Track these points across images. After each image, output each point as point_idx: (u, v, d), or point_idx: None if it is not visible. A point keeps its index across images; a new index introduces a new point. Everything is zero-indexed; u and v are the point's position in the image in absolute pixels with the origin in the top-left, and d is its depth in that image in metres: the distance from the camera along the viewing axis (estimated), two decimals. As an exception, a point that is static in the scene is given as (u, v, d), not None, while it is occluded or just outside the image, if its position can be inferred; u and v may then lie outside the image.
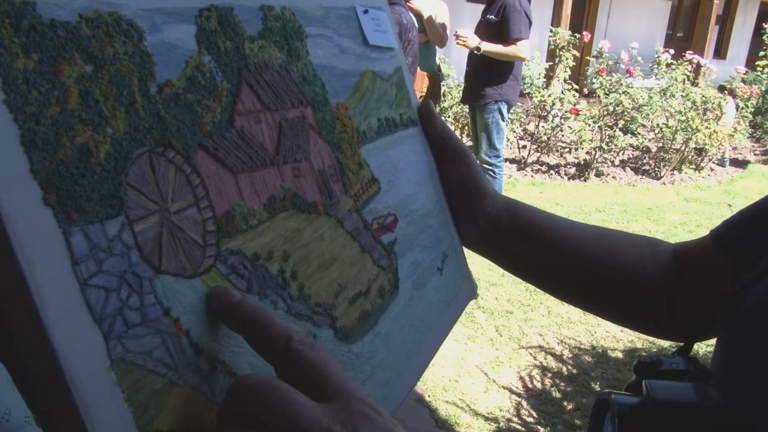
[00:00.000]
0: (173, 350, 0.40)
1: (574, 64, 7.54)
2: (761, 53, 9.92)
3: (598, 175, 6.90)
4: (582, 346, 3.36)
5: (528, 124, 7.12)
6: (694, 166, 7.53)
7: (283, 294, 0.50)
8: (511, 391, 2.95)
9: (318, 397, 0.40)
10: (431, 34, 4.69)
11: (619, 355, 3.31)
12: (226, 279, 0.45)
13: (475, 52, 4.51)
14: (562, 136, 7.18)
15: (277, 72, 0.56)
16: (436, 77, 5.00)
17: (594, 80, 7.20)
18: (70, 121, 0.37)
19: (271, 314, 0.42)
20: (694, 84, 7.88)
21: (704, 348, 2.54)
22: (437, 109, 1.24)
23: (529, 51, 4.47)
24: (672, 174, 7.25)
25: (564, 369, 3.15)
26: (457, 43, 4.51)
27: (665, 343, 3.09)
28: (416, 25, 4.01)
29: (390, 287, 0.64)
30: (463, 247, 0.79)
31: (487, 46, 4.44)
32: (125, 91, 0.41)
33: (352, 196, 0.61)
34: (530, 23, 4.44)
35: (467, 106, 5.17)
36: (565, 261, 0.75)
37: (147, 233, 0.40)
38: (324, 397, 0.40)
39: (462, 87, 5.14)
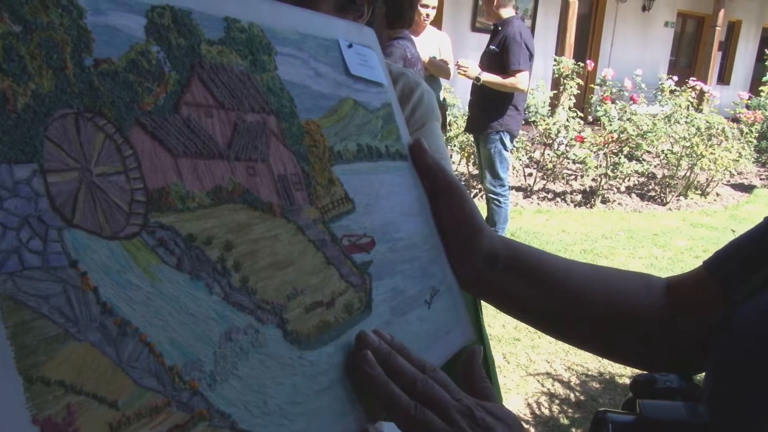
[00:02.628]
0: (75, 303, 0.39)
1: (579, 92, 7.62)
2: (764, 78, 9.98)
3: (604, 201, 6.93)
4: (589, 373, 3.37)
5: (533, 152, 7.17)
6: (699, 192, 7.55)
7: (221, 280, 0.48)
8: (520, 419, 2.96)
9: None
10: (435, 72, 4.76)
11: (627, 381, 3.32)
12: (151, 250, 0.44)
13: (475, 81, 4.57)
14: (568, 163, 7.22)
15: (237, 76, 0.55)
16: (442, 107, 5.06)
17: (598, 108, 7.27)
18: None
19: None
20: (698, 110, 7.93)
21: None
22: (443, 137, 1.28)
23: (527, 82, 4.50)
24: (678, 200, 7.28)
25: (572, 395, 3.16)
26: (459, 72, 4.58)
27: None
28: (421, 59, 4.08)
29: (360, 305, 0.60)
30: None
31: (487, 77, 4.50)
32: (55, 56, 0.42)
33: (319, 209, 0.59)
34: (531, 55, 4.48)
35: (472, 136, 5.23)
36: (562, 300, 0.74)
37: (62, 186, 0.40)
38: None
39: (467, 116, 5.21)
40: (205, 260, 0.47)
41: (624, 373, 3.38)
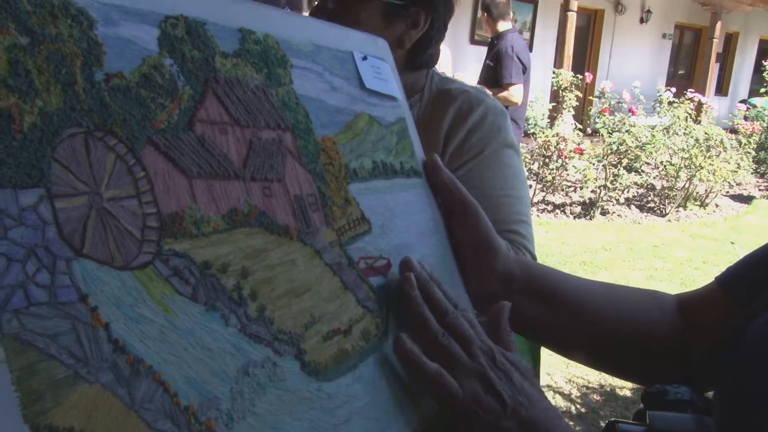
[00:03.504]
0: (85, 341, 0.36)
1: (577, 104, 7.64)
2: (762, 90, 10.03)
3: (604, 213, 6.93)
4: (590, 385, 3.36)
5: (533, 164, 7.18)
6: (699, 203, 7.55)
7: (237, 311, 0.46)
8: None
9: None
10: None
11: (628, 393, 3.31)
12: (165, 280, 0.41)
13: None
14: (567, 175, 7.23)
15: (252, 91, 0.53)
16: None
17: (597, 120, 7.29)
18: None
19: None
20: (697, 121, 7.95)
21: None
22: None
23: (521, 95, 4.52)
24: (677, 211, 7.28)
25: (573, 408, 3.15)
26: None
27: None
28: None
29: (378, 332, 0.59)
30: None
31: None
32: (64, 70, 0.39)
33: (336, 230, 0.57)
34: (524, 68, 4.48)
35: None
36: (577, 321, 0.74)
37: (70, 212, 0.37)
38: None
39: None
40: (221, 289, 0.45)
41: (624, 386, 3.37)
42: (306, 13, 1.08)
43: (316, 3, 1.08)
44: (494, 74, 4.53)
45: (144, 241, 0.41)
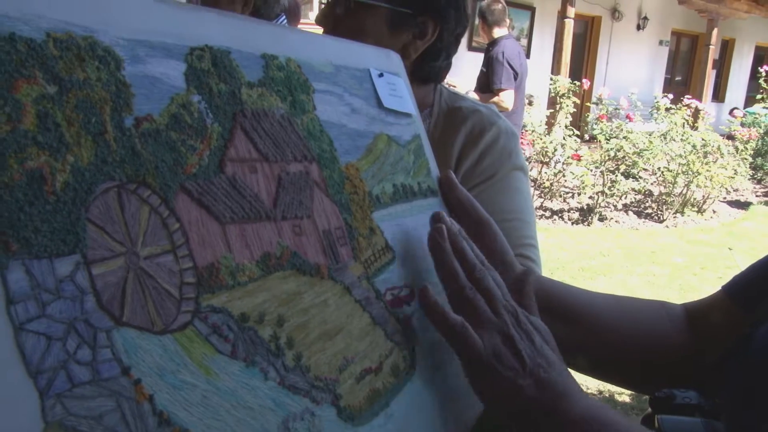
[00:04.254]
0: (130, 418, 0.34)
1: (575, 110, 7.66)
2: (758, 96, 10.06)
3: (602, 219, 6.94)
4: (589, 391, 3.36)
5: (530, 171, 7.19)
6: (696, 209, 7.57)
7: (275, 363, 0.44)
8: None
9: None
10: None
11: (627, 399, 3.31)
12: (205, 339, 0.40)
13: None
14: (565, 181, 7.25)
15: (278, 122, 0.52)
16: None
17: (595, 126, 7.31)
18: (22, 143, 0.33)
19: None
20: (694, 128, 7.98)
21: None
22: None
23: (512, 101, 4.52)
24: (674, 217, 7.29)
25: (572, 413, 3.15)
26: None
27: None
28: None
29: (405, 366, 0.58)
30: None
31: (473, 96, 4.54)
32: (94, 119, 0.37)
33: (363, 263, 0.56)
34: (516, 74, 4.50)
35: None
36: (591, 335, 0.74)
37: (108, 278, 0.35)
38: None
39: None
40: (259, 342, 0.44)
41: (623, 391, 3.37)
42: (303, 20, 1.07)
43: (322, 9, 1.06)
44: (487, 80, 4.55)
45: (182, 300, 0.39)
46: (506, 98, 4.51)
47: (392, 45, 1.01)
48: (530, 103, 4.61)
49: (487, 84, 4.56)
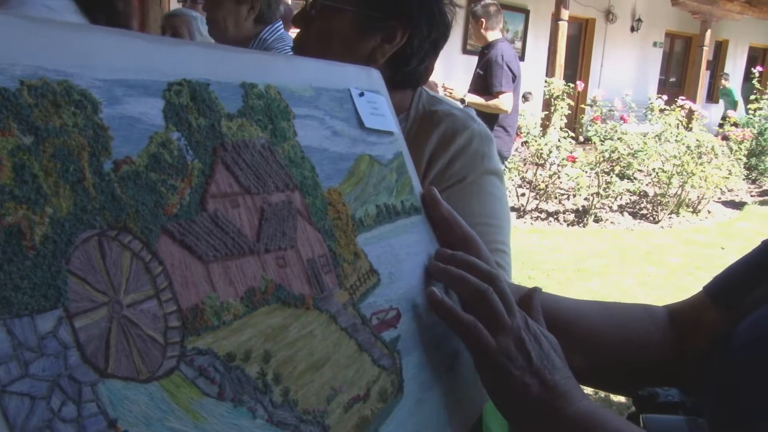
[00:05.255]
0: None
1: (570, 112, 7.68)
2: (752, 97, 10.09)
3: (597, 220, 6.96)
4: (585, 390, 3.37)
5: (526, 173, 7.21)
6: (691, 209, 7.59)
7: (263, 400, 0.44)
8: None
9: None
10: None
11: (622, 399, 3.32)
12: (191, 383, 0.39)
13: (461, 103, 4.63)
14: (560, 183, 7.26)
15: (259, 152, 0.51)
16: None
17: (589, 128, 7.33)
18: None
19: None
20: (688, 129, 8.00)
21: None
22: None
23: (511, 103, 4.55)
24: (670, 217, 7.31)
25: (569, 414, 3.16)
26: (445, 94, 4.63)
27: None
28: None
29: (393, 389, 0.57)
30: None
31: (471, 98, 4.56)
32: (72, 166, 0.36)
33: (348, 289, 0.56)
34: (514, 76, 4.52)
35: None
36: (580, 344, 0.75)
37: (91, 330, 0.34)
38: None
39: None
40: (246, 380, 0.43)
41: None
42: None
43: (299, 10, 1.06)
44: (484, 83, 4.57)
45: (168, 345, 0.39)
46: (506, 101, 4.53)
47: (360, 48, 1.03)
48: (526, 99, 4.62)
49: (482, 86, 4.57)
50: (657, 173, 7.31)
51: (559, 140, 7.07)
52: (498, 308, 0.61)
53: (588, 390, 2.66)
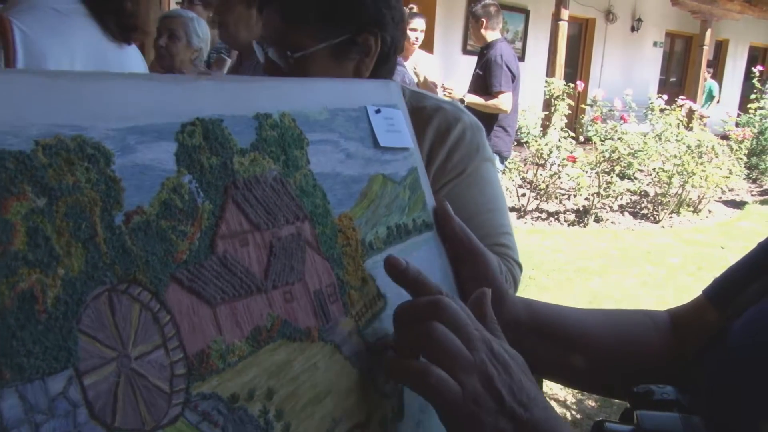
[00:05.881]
0: None
1: (570, 112, 7.69)
2: (752, 96, 10.10)
3: (597, 220, 6.96)
4: (583, 394, 3.38)
5: (526, 173, 7.21)
6: (692, 209, 7.59)
7: None
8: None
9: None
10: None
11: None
12: (195, 428, 0.39)
13: (460, 104, 4.63)
14: (561, 183, 7.27)
15: (270, 186, 0.51)
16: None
17: (589, 128, 7.33)
18: (12, 265, 0.32)
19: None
20: (688, 128, 8.00)
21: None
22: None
23: (510, 103, 4.56)
24: (670, 217, 7.31)
25: (568, 414, 3.16)
26: (444, 95, 4.64)
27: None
28: (414, 82, 4.16)
29: (393, 414, 0.57)
30: None
31: (470, 98, 4.57)
32: (84, 224, 0.36)
33: (353, 316, 0.55)
34: (514, 76, 4.53)
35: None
36: (579, 353, 0.75)
37: (100, 386, 0.34)
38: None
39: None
40: (248, 419, 0.43)
41: (620, 391, 3.37)
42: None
43: (264, 64, 1.06)
44: (483, 83, 4.58)
45: (173, 393, 0.39)
46: (505, 100, 4.54)
47: (343, 73, 1.05)
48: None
49: (481, 86, 4.58)
50: (657, 173, 7.31)
51: (559, 140, 7.08)
52: (453, 345, 0.50)
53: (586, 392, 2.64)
